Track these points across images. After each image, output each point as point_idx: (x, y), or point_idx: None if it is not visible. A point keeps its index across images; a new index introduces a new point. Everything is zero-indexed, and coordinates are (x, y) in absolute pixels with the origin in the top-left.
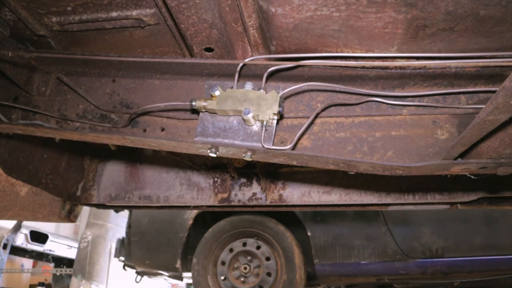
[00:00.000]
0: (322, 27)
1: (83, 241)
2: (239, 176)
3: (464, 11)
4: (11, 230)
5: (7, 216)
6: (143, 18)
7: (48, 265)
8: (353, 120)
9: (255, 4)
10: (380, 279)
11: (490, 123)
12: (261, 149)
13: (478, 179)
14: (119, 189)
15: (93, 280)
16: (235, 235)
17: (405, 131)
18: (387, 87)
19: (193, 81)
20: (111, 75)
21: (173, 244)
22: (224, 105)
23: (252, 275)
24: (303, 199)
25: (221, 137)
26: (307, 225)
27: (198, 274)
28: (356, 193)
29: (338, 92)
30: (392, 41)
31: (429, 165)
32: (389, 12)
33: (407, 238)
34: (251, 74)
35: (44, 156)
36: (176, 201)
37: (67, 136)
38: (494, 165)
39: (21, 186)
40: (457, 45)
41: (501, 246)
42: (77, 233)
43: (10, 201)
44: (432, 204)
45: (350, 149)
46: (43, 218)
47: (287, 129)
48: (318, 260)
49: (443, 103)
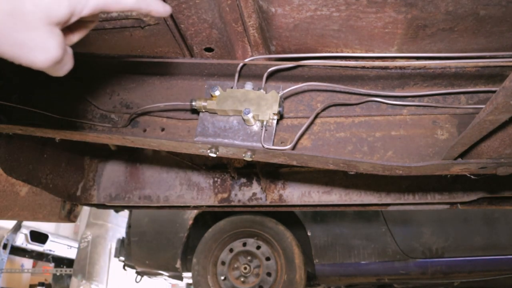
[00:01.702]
0: (322, 27)
1: (83, 241)
2: (239, 176)
3: (464, 11)
4: (11, 230)
5: (7, 216)
6: (143, 18)
7: (48, 265)
8: (353, 120)
9: (255, 4)
10: (380, 279)
11: (490, 123)
12: (261, 149)
13: (478, 179)
14: (119, 189)
15: (93, 280)
16: (235, 235)
17: (405, 131)
18: (387, 87)
19: (193, 81)
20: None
21: (173, 244)
22: (224, 105)
23: (252, 275)
24: (303, 199)
25: (221, 137)
26: (307, 225)
27: (198, 274)
28: (356, 193)
29: (338, 92)
30: (392, 41)
31: (429, 165)
32: (389, 12)
33: (407, 238)
34: (251, 74)
35: (44, 156)
36: (176, 201)
37: (67, 136)
38: (494, 165)
39: (21, 186)
40: (457, 45)
41: (501, 246)
42: (77, 233)
43: (10, 201)
44: (432, 204)
45: (350, 149)
46: (43, 218)
47: (287, 129)
48: (318, 260)
49: (443, 103)
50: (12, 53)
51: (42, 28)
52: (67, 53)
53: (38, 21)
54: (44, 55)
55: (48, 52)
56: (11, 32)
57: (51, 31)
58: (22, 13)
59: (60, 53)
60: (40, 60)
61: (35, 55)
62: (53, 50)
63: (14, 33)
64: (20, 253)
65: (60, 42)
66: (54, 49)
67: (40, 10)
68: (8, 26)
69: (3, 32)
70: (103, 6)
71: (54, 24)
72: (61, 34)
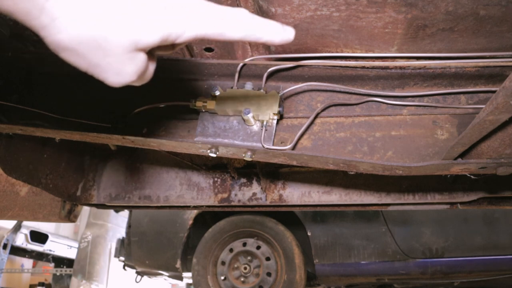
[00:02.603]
0: (322, 27)
1: (83, 241)
2: (239, 176)
3: (464, 11)
4: (11, 230)
5: (7, 216)
6: None
7: (48, 265)
8: (353, 120)
9: (255, 4)
10: (380, 279)
11: (490, 123)
12: (261, 149)
13: (478, 179)
14: (119, 189)
15: (93, 280)
16: (235, 235)
17: (405, 131)
18: (387, 87)
19: (193, 81)
20: None
21: (173, 244)
22: (224, 105)
23: (252, 275)
24: (303, 199)
25: (221, 137)
26: (307, 225)
27: (198, 274)
28: (356, 193)
29: (338, 92)
30: (392, 41)
31: (429, 165)
32: (389, 12)
33: (407, 238)
34: (251, 74)
35: (44, 156)
36: (176, 201)
37: (67, 136)
38: (494, 165)
39: (21, 186)
40: (457, 45)
41: (501, 246)
42: (77, 233)
43: (10, 201)
44: (432, 204)
45: (350, 149)
46: (43, 218)
47: (287, 129)
48: (318, 260)
49: (443, 103)
50: (86, 67)
51: (122, 54)
52: (148, 70)
53: (121, 49)
54: (117, 79)
55: (122, 77)
56: (88, 55)
57: (133, 57)
58: (105, 41)
59: (136, 77)
60: (111, 81)
61: (107, 76)
62: (128, 75)
63: (91, 56)
64: (20, 253)
65: (140, 67)
66: (130, 74)
67: (127, 39)
68: (87, 50)
69: (81, 52)
70: (202, 35)
71: (139, 50)
72: (144, 58)
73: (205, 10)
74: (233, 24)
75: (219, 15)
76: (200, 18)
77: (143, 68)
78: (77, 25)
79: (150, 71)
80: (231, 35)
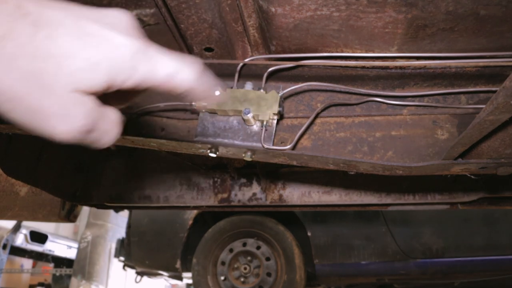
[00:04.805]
0: (322, 27)
1: (83, 241)
2: (239, 176)
3: (464, 11)
4: (11, 230)
5: (7, 216)
6: (143, 18)
7: (48, 265)
8: (353, 120)
9: (255, 4)
10: (380, 279)
11: (491, 123)
12: (261, 149)
13: (478, 179)
14: (119, 189)
15: (93, 280)
16: (235, 235)
17: (405, 131)
18: (387, 87)
19: None
20: None
21: (173, 244)
22: (224, 105)
23: (252, 275)
24: (303, 199)
25: (221, 137)
26: (307, 225)
27: (198, 274)
28: (356, 193)
29: (338, 92)
30: (392, 41)
31: (429, 165)
32: (389, 12)
33: (407, 238)
34: (251, 74)
35: (44, 156)
36: (176, 201)
37: None
38: (494, 165)
39: (20, 186)
40: (457, 45)
41: (502, 246)
42: (77, 233)
43: (10, 201)
44: (432, 204)
45: (350, 149)
46: (43, 218)
47: (287, 129)
48: (318, 260)
49: (443, 103)
50: (26, 120)
51: (65, 94)
52: (105, 120)
53: (61, 87)
54: (66, 126)
55: (71, 121)
56: (26, 96)
57: (78, 98)
58: (42, 76)
59: (88, 122)
60: (60, 129)
61: (53, 124)
62: (77, 119)
63: (29, 97)
64: (19, 253)
65: (88, 109)
66: (79, 118)
67: (66, 75)
68: (23, 89)
69: (18, 95)
70: (152, 83)
71: (84, 93)
72: (92, 100)
73: (156, 57)
74: (182, 78)
75: (170, 65)
76: (150, 64)
77: (94, 113)
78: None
79: (111, 120)
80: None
